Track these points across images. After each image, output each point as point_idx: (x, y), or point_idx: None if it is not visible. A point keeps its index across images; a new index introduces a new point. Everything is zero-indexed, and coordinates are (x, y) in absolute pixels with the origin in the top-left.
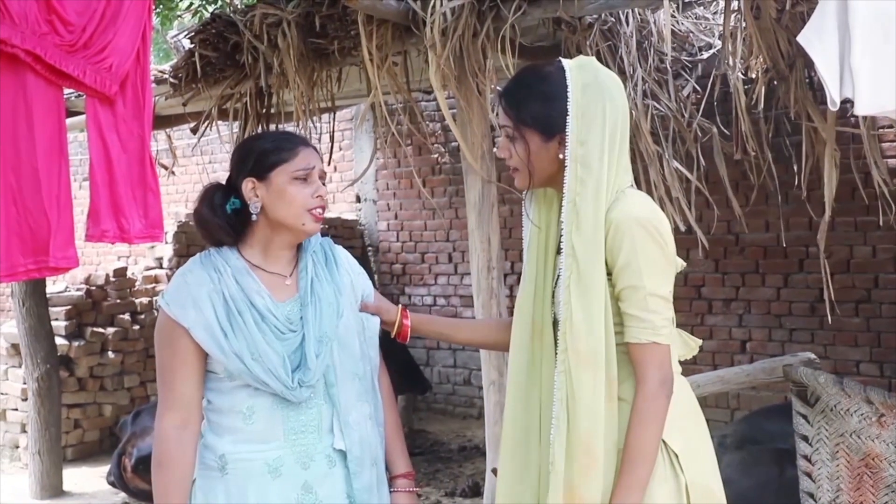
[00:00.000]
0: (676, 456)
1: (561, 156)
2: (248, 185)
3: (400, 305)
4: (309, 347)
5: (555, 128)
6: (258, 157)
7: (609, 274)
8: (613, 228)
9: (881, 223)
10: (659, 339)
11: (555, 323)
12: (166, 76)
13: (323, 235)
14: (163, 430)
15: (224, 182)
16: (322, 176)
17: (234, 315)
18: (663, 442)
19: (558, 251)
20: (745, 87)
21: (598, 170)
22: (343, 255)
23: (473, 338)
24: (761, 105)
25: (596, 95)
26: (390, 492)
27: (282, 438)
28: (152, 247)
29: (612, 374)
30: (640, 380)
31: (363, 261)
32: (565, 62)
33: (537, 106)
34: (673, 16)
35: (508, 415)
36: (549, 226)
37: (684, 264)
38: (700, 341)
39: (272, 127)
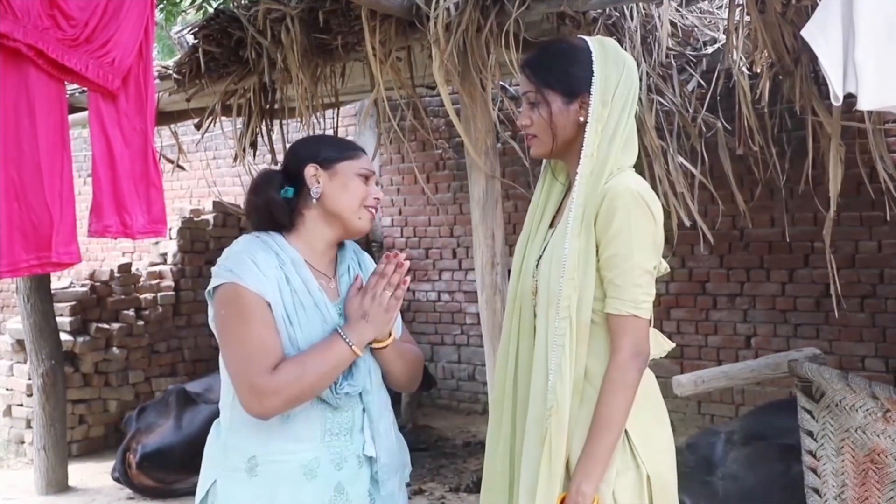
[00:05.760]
0: (637, 448)
1: (581, 118)
2: (310, 171)
3: None
4: None
5: (577, 89)
6: (326, 148)
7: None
8: (608, 198)
9: (888, 218)
10: (638, 312)
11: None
12: (170, 72)
13: None
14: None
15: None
16: (377, 184)
17: (298, 305)
18: (625, 433)
19: (550, 224)
20: (750, 81)
21: (613, 135)
22: (370, 262)
23: None
24: (766, 100)
25: (618, 64)
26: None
27: (318, 439)
28: (157, 242)
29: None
30: (614, 349)
31: None
32: (586, 37)
33: (559, 68)
34: (677, 10)
35: (495, 379)
36: (548, 199)
37: (668, 269)
38: (673, 344)
39: (276, 123)
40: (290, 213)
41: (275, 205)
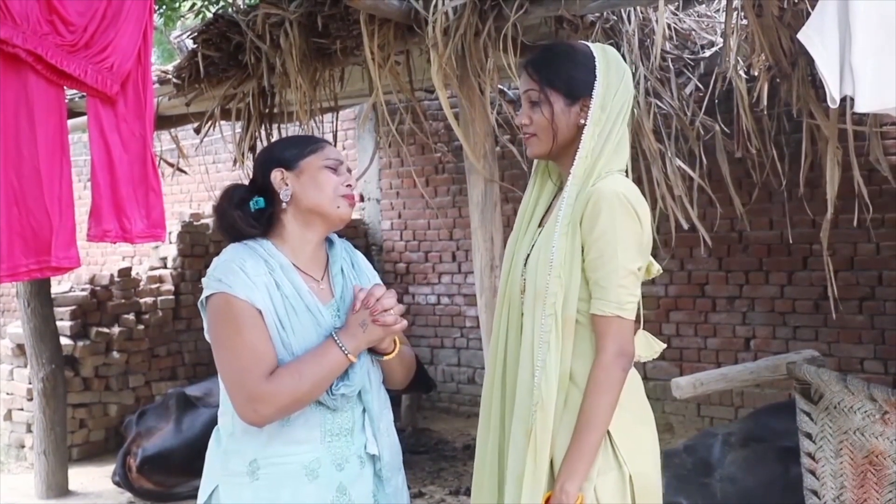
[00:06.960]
0: (619, 448)
1: (581, 121)
2: (277, 175)
3: None
4: None
5: (579, 91)
6: (287, 149)
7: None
8: (593, 200)
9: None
10: (623, 312)
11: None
12: (169, 76)
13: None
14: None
15: (246, 184)
16: (349, 171)
17: (290, 310)
18: (607, 433)
19: (540, 224)
20: (748, 84)
21: (606, 140)
22: (362, 260)
23: None
24: (764, 103)
25: (619, 73)
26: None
27: (318, 440)
28: (157, 247)
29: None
30: (598, 349)
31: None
32: (589, 43)
33: (564, 69)
34: (675, 14)
35: (485, 377)
36: (538, 199)
37: (660, 270)
38: (664, 345)
39: (275, 127)
40: (267, 221)
41: (239, 221)
